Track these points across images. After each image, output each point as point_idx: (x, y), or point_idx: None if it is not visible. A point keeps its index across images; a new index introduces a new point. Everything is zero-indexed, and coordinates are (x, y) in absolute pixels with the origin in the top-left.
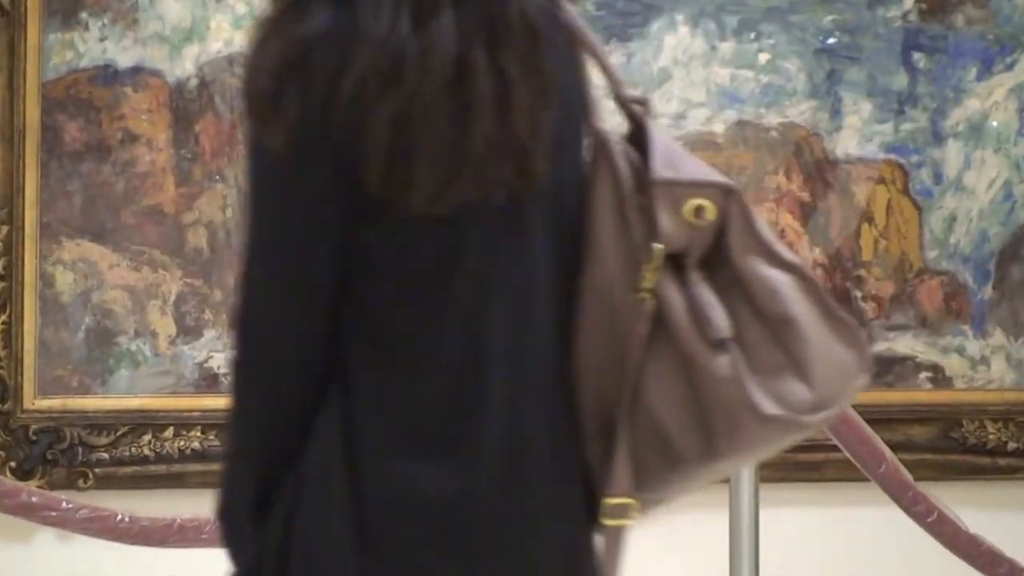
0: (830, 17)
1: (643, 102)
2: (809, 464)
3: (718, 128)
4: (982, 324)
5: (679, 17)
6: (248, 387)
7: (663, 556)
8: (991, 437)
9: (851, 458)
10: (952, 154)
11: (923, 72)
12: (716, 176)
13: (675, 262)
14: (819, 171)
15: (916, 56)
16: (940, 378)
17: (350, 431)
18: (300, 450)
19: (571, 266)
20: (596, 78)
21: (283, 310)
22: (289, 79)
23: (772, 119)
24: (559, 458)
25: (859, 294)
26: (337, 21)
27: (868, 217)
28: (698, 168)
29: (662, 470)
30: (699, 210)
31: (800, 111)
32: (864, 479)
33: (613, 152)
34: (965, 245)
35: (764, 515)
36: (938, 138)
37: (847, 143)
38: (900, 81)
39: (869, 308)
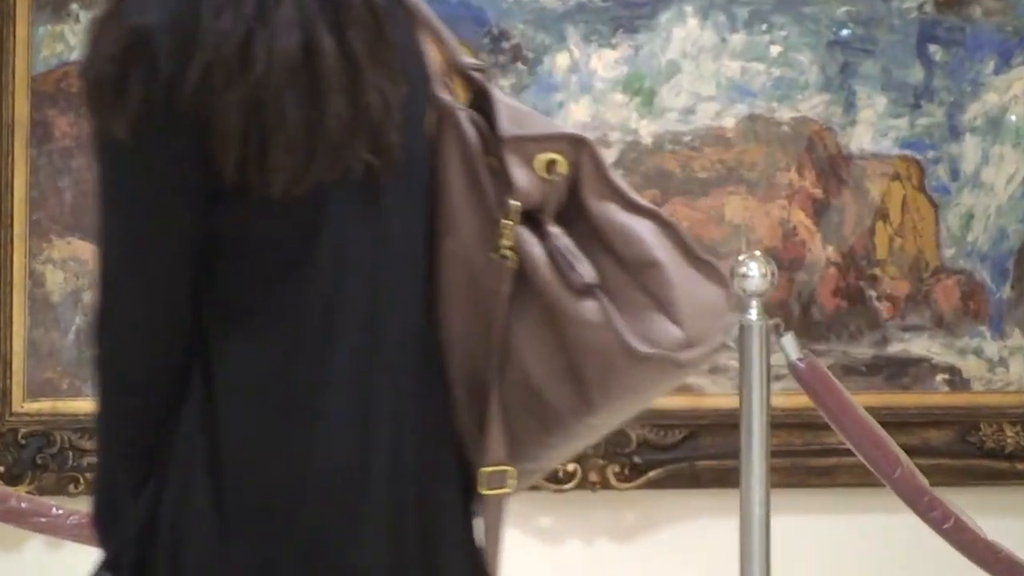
0: (844, 8)
1: (482, 69)
2: (821, 469)
3: (728, 123)
4: (1000, 324)
5: (688, 8)
6: (107, 383)
7: (672, 563)
8: (1009, 441)
9: (865, 462)
10: (969, 149)
11: (939, 65)
12: (564, 128)
13: (532, 218)
14: (832, 167)
15: (932, 48)
16: (957, 380)
17: (211, 419)
18: (165, 442)
19: (437, 234)
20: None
21: (137, 303)
22: (131, 64)
23: (784, 113)
24: (430, 430)
25: (874, 294)
26: (180, 7)
27: (883, 214)
28: (546, 123)
29: (538, 433)
30: (551, 164)
31: (813, 105)
32: (878, 484)
33: (458, 119)
34: (983, 243)
35: (775, 521)
36: (955, 133)
37: (861, 138)
38: (916, 74)
39: (884, 308)
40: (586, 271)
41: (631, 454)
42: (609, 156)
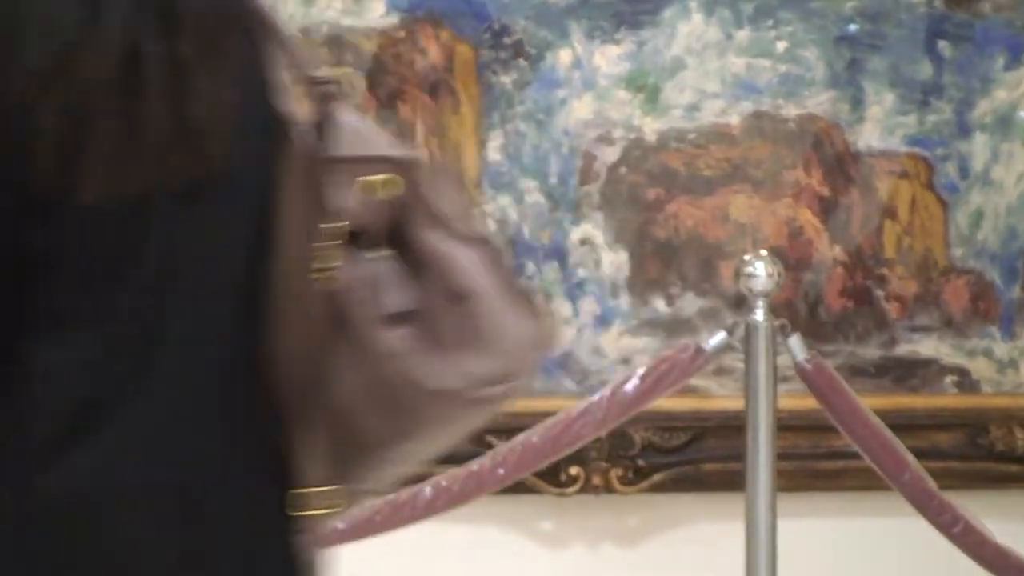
0: (851, 3)
1: (331, 82)
2: (829, 472)
3: (733, 120)
4: (1010, 325)
5: (693, 4)
6: None
7: (677, 568)
8: (1020, 443)
9: (873, 466)
10: (979, 147)
11: (948, 61)
12: (397, 151)
13: (357, 240)
14: (839, 165)
15: (941, 44)
16: (966, 382)
17: (16, 433)
18: None
19: (263, 252)
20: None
21: None
22: None
23: (790, 110)
24: (245, 449)
25: (882, 294)
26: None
27: (891, 213)
28: (380, 145)
29: (357, 456)
30: (379, 186)
31: (819, 102)
32: (886, 488)
33: (296, 135)
34: (992, 242)
35: (782, 526)
36: (964, 130)
37: (869, 135)
38: (924, 71)
39: (892, 308)
40: (395, 299)
41: (635, 457)
42: (612, 154)
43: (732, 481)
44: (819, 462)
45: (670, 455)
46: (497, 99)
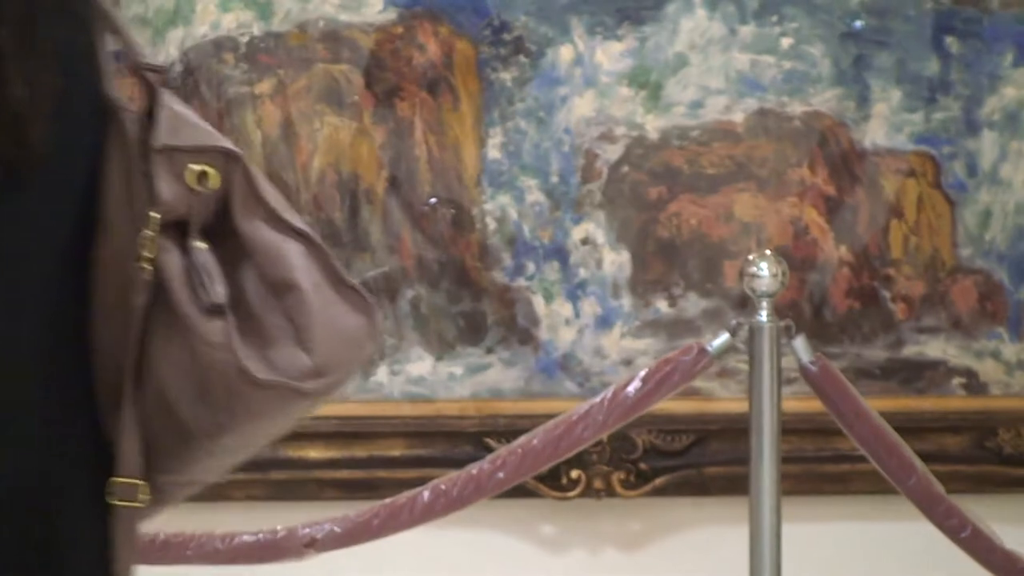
0: None
1: (159, 70)
2: (834, 476)
3: (737, 117)
4: (1019, 326)
5: None
6: None
7: (679, 574)
8: None
9: (879, 469)
10: (987, 145)
11: (956, 57)
12: (219, 141)
13: (179, 230)
14: (845, 163)
15: (949, 40)
16: (974, 384)
17: None
18: None
19: (87, 239)
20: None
21: None
22: None
23: (795, 108)
24: (65, 437)
25: (888, 294)
26: None
27: (897, 212)
28: (203, 135)
29: (176, 447)
30: (201, 176)
31: (825, 99)
32: (893, 491)
33: (123, 121)
34: (1001, 242)
35: (786, 530)
36: (972, 128)
37: (875, 133)
38: (931, 67)
39: (899, 309)
40: (216, 290)
41: (637, 460)
42: (614, 152)
43: (736, 485)
44: (824, 465)
45: (673, 458)
46: (497, 96)
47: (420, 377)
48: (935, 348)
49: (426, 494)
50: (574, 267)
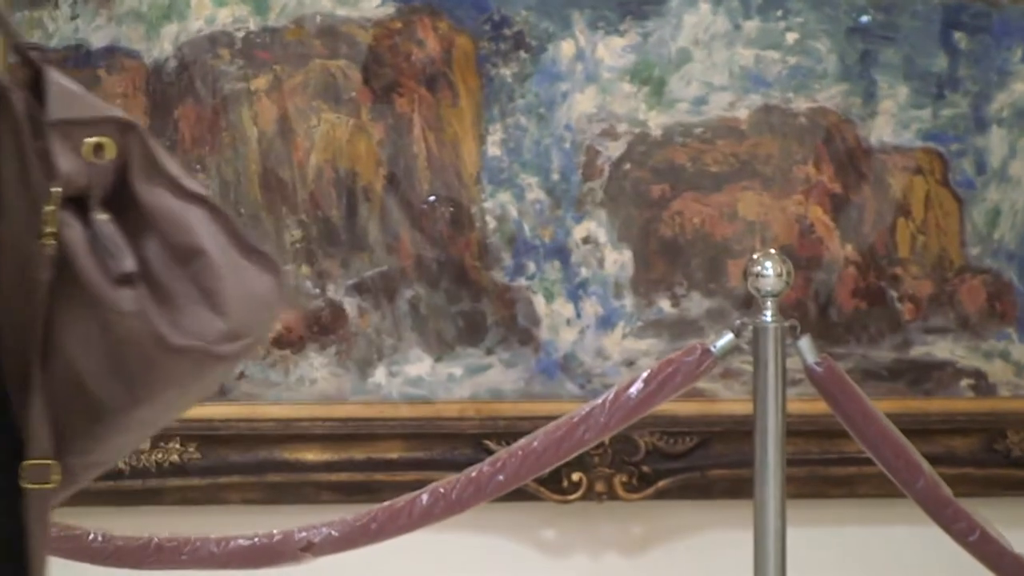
0: None
1: (41, 49)
2: (840, 479)
3: (742, 113)
4: None
5: None
6: None
7: None
8: None
9: (886, 472)
10: (996, 142)
11: (964, 53)
12: (113, 112)
13: (80, 204)
14: (851, 160)
15: (957, 36)
16: (983, 385)
17: None
18: None
19: None
20: None
21: None
22: None
23: (800, 104)
24: None
25: (895, 294)
26: None
27: (904, 210)
28: (96, 107)
29: (88, 425)
30: (97, 148)
31: (831, 95)
32: (900, 495)
33: (10, 100)
34: (1010, 240)
35: (791, 534)
36: (980, 124)
37: (882, 130)
38: (939, 63)
39: (906, 309)
40: (125, 260)
41: (639, 463)
42: (616, 149)
43: (740, 488)
44: (830, 468)
45: (676, 461)
46: (497, 92)
47: (419, 378)
48: (943, 349)
49: (425, 497)
50: (575, 266)
